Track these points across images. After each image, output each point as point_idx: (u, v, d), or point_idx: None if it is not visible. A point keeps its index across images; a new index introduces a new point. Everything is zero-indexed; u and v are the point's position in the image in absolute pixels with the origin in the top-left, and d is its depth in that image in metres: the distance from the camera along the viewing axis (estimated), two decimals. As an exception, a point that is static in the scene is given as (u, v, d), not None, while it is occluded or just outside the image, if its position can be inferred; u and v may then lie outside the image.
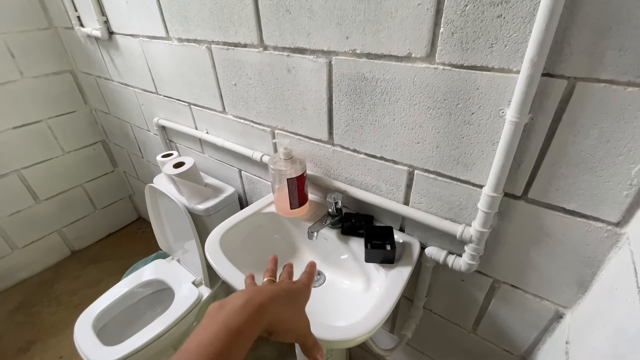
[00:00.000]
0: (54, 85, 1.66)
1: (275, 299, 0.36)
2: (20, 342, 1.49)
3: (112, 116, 1.67)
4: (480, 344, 0.79)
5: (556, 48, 0.43)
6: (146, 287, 1.26)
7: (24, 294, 1.73)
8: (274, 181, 0.80)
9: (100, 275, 1.80)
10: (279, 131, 0.87)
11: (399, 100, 0.61)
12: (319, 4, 0.61)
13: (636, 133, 0.43)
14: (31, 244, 1.79)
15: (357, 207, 0.83)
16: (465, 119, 0.55)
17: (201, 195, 1.10)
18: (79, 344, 1.02)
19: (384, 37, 0.57)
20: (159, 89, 1.18)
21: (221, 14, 0.78)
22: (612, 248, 0.51)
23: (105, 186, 2.01)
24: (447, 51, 0.52)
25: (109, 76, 1.43)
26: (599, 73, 0.42)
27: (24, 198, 1.70)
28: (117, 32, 1.18)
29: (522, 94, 0.45)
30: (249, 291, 0.35)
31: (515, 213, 0.58)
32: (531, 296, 0.64)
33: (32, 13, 1.51)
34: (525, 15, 0.44)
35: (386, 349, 0.89)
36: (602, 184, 0.48)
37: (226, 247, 0.75)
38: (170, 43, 0.98)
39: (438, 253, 0.69)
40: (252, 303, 0.33)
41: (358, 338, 0.54)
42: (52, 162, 1.75)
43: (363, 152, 0.73)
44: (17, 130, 1.59)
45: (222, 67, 0.89)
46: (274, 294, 0.36)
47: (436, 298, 0.81)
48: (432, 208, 0.68)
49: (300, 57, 0.70)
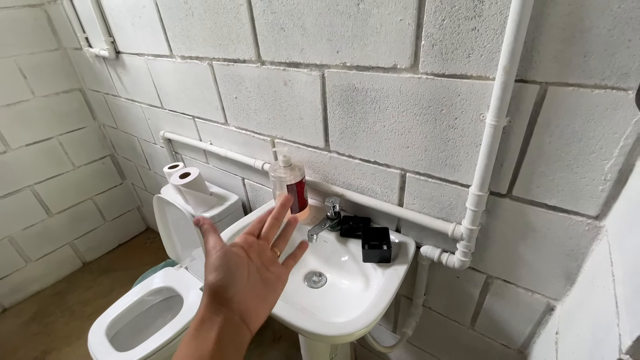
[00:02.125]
0: (64, 103, 1.73)
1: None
2: (35, 352, 1.54)
3: (120, 131, 1.73)
4: (478, 339, 0.81)
5: (527, 56, 0.47)
6: (156, 294, 1.31)
7: (38, 305, 1.78)
8: (275, 188, 0.84)
9: (111, 285, 1.85)
10: (279, 140, 0.91)
11: (387, 108, 0.65)
12: (311, 22, 0.66)
13: (605, 132, 0.46)
14: (44, 256, 1.85)
15: (355, 210, 0.86)
16: (449, 123, 0.59)
17: (207, 203, 1.15)
18: (93, 350, 1.06)
19: (371, 51, 0.61)
20: (164, 103, 1.23)
21: (221, 32, 0.84)
22: (593, 240, 0.54)
23: (114, 198, 2.07)
24: (429, 62, 0.56)
25: (117, 93, 1.50)
26: (567, 77, 0.46)
27: (36, 212, 1.76)
28: (124, 52, 1.24)
29: (498, 99, 0.49)
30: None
31: (502, 210, 0.61)
32: (523, 290, 0.66)
33: (42, 35, 1.59)
34: (496, 28, 0.48)
35: (387, 346, 0.92)
36: (578, 180, 0.51)
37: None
38: (174, 60, 1.03)
39: (432, 251, 0.72)
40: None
41: (356, 332, 0.57)
42: (63, 176, 1.81)
43: (358, 158, 0.77)
44: (29, 148, 1.66)
45: (223, 82, 0.94)
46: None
47: (434, 296, 0.84)
48: (425, 208, 0.71)
49: (295, 70, 0.75)
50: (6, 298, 1.77)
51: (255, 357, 1.39)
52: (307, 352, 0.92)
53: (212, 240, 0.37)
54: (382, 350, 0.91)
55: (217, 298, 0.34)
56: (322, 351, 0.90)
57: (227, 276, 0.34)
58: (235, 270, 0.35)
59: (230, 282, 0.34)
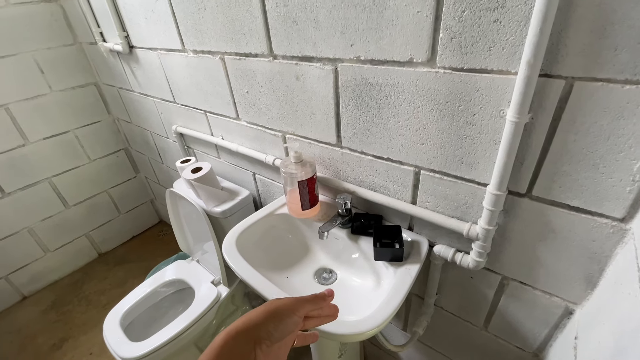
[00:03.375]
0: (80, 97, 1.76)
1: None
2: (53, 339, 1.59)
3: (134, 125, 1.75)
4: (492, 341, 0.79)
5: (552, 49, 0.45)
6: (168, 287, 1.33)
7: (56, 294, 1.84)
8: (286, 184, 0.83)
9: (125, 276, 1.89)
10: (290, 135, 0.90)
11: (402, 103, 0.63)
12: (324, 15, 0.64)
13: (636, 130, 0.43)
14: (62, 247, 1.90)
15: (367, 207, 0.85)
16: (467, 120, 0.57)
17: (218, 198, 1.15)
18: (108, 340, 1.09)
19: (387, 44, 0.59)
20: (176, 98, 1.24)
21: (233, 26, 0.83)
22: (618, 244, 0.51)
23: (128, 191, 2.11)
24: (447, 55, 0.54)
25: (130, 87, 1.51)
26: (595, 72, 0.43)
27: (54, 204, 1.81)
28: (137, 46, 1.25)
29: (521, 95, 0.47)
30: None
31: (520, 210, 0.59)
32: (540, 292, 0.64)
33: (58, 30, 1.62)
34: (520, 19, 0.45)
35: (398, 345, 0.91)
36: (604, 181, 0.48)
37: (242, 247, 0.79)
38: (186, 55, 1.03)
39: (446, 251, 0.71)
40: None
41: (368, 332, 0.57)
42: (79, 169, 1.85)
43: (370, 154, 0.75)
44: (47, 141, 1.70)
45: (235, 76, 0.93)
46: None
47: (447, 295, 0.82)
48: (439, 207, 0.70)
49: (307, 65, 0.73)
50: (26, 287, 1.84)
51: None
52: (317, 349, 0.92)
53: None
54: (392, 349, 0.90)
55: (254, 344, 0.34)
56: (332, 348, 0.90)
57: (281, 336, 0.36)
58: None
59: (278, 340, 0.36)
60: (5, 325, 1.70)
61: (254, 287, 0.69)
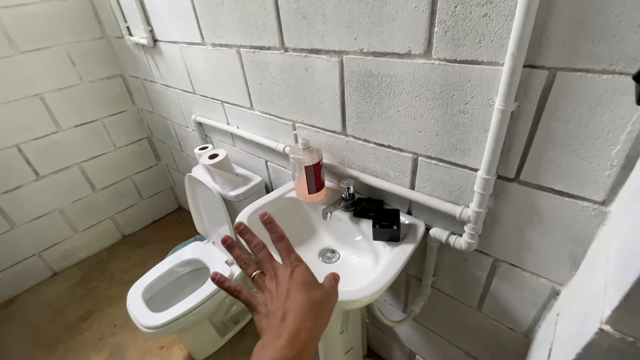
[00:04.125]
0: (107, 88, 1.88)
1: (317, 331, 0.37)
2: (81, 312, 1.73)
3: (156, 115, 1.86)
4: (485, 321, 0.83)
5: (536, 42, 0.48)
6: (185, 266, 1.42)
7: (84, 271, 1.99)
8: (294, 169, 0.89)
9: (146, 257, 2.02)
10: (299, 124, 0.96)
11: (402, 93, 0.68)
12: (331, 10, 0.69)
13: (613, 117, 0.46)
14: (89, 228, 2.04)
15: (369, 193, 0.90)
16: (460, 108, 0.61)
17: (233, 183, 1.23)
18: (131, 309, 1.19)
19: (387, 37, 0.64)
20: (196, 89, 1.32)
21: (248, 21, 0.89)
22: (599, 226, 0.54)
23: (150, 178, 2.23)
24: (441, 48, 0.58)
25: (154, 79, 1.61)
26: (575, 63, 0.47)
27: (83, 188, 1.95)
28: (161, 40, 1.33)
29: (507, 84, 0.51)
30: (287, 328, 0.35)
31: (509, 194, 0.63)
32: (529, 274, 0.68)
33: (88, 25, 1.73)
34: (507, 14, 0.49)
35: (395, 321, 0.96)
36: (585, 165, 0.52)
37: (252, 224, 0.86)
38: (205, 48, 1.10)
39: (441, 233, 0.75)
40: (297, 342, 0.34)
41: (362, 299, 0.62)
42: (106, 156, 1.98)
43: (373, 142, 0.80)
44: (77, 129, 1.83)
45: (249, 68, 0.99)
46: (316, 324, 0.36)
47: (443, 277, 0.87)
48: (435, 192, 0.74)
49: (316, 57, 0.79)
50: (56, 263, 1.99)
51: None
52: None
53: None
54: (389, 324, 0.96)
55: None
56: (333, 324, 0.96)
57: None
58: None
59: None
60: (37, 298, 1.86)
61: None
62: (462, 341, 0.94)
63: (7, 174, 1.67)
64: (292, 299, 0.37)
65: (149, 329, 1.12)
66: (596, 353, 0.38)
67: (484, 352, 0.90)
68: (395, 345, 1.22)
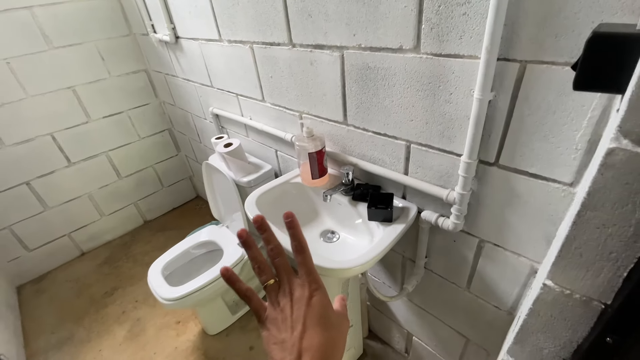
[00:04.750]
0: (133, 82, 2.02)
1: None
2: (106, 288, 1.88)
3: (177, 107, 1.98)
4: (473, 301, 0.89)
5: (508, 37, 0.54)
6: (201, 247, 1.53)
7: (109, 252, 2.15)
8: (299, 156, 0.97)
9: (165, 241, 2.15)
10: (305, 115, 1.04)
11: (395, 84, 0.74)
12: (332, 9, 0.76)
13: (575, 105, 0.52)
14: (114, 212, 2.20)
15: (368, 179, 0.97)
16: (445, 98, 0.67)
17: (245, 170, 1.32)
18: (152, 283, 1.31)
19: (382, 34, 0.70)
20: (213, 82, 1.42)
21: (260, 19, 0.97)
22: (569, 206, 0.60)
23: (170, 167, 2.37)
24: (428, 43, 0.64)
25: (175, 73, 1.72)
26: (542, 56, 0.52)
27: (110, 175, 2.10)
28: (182, 37, 1.44)
29: (483, 76, 0.57)
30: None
31: (490, 178, 0.68)
32: (510, 253, 0.74)
33: (117, 23, 1.86)
34: (483, 12, 0.55)
35: (388, 296, 1.04)
36: (554, 149, 0.57)
37: (260, 205, 0.94)
38: (222, 44, 1.20)
39: (431, 215, 0.81)
40: None
41: (353, 268, 0.70)
42: (130, 146, 2.12)
43: (371, 130, 0.87)
44: (106, 119, 1.98)
45: (261, 63, 1.08)
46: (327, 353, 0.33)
47: (435, 259, 0.93)
48: (426, 177, 0.80)
49: (319, 52, 0.86)
50: (85, 244, 2.16)
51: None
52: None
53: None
54: (382, 299, 1.03)
55: None
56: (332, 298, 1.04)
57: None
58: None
59: None
60: (67, 275, 2.02)
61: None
62: (453, 321, 1.00)
63: (42, 159, 1.84)
64: (310, 337, 0.33)
65: (167, 300, 1.23)
66: (544, 307, 0.45)
67: (473, 331, 0.96)
68: (394, 327, 1.29)
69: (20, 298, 1.90)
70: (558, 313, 0.43)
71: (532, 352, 0.49)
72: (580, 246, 0.37)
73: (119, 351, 1.53)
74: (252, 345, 1.46)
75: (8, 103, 1.65)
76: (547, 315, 0.44)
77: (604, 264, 0.36)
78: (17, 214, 1.84)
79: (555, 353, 0.47)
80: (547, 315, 0.45)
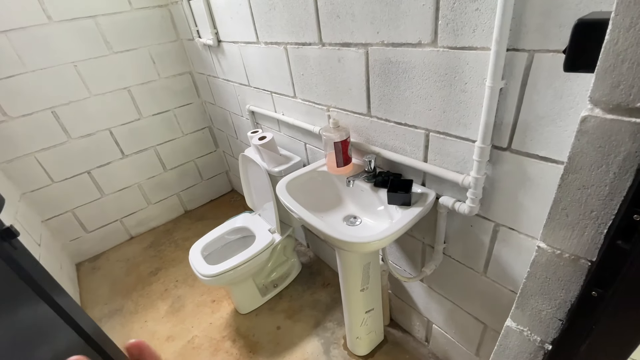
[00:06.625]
0: (178, 83, 2.22)
1: None
2: (151, 268, 2.08)
3: (217, 106, 2.15)
4: (490, 285, 0.92)
5: (517, 29, 0.59)
6: (236, 233, 1.67)
7: (154, 237, 2.36)
8: (325, 146, 1.06)
9: (204, 229, 2.30)
10: (332, 109, 1.12)
11: (414, 77, 0.81)
12: (358, 10, 0.85)
13: (580, 89, 0.56)
14: (160, 201, 2.42)
15: (389, 167, 1.03)
16: (461, 88, 0.72)
17: (277, 161, 1.43)
18: (192, 261, 1.45)
19: (402, 30, 0.77)
20: (250, 82, 1.55)
21: (294, 22, 1.07)
22: (578, 188, 0.63)
23: (209, 162, 2.56)
24: (444, 37, 0.70)
25: (216, 74, 1.88)
26: (547, 45, 0.57)
27: (156, 167, 2.32)
28: (224, 40, 1.59)
29: (494, 65, 0.62)
30: None
31: (504, 162, 0.72)
32: (524, 236, 0.77)
33: (166, 30, 2.07)
34: (493, 7, 0.60)
35: (406, 277, 1.09)
36: (562, 133, 0.61)
37: (290, 189, 1.04)
38: (259, 46, 1.32)
39: (448, 200, 0.86)
40: None
41: (372, 243, 0.78)
42: (175, 141, 2.33)
43: (392, 121, 0.93)
44: (155, 117, 2.19)
45: (294, 62, 1.18)
46: None
47: (453, 244, 0.97)
48: (444, 163, 0.85)
49: (346, 49, 0.94)
50: (133, 229, 2.39)
51: (308, 295, 1.67)
52: (343, 279, 1.13)
53: None
54: (400, 279, 1.08)
55: None
56: (354, 281, 1.10)
57: None
58: None
59: None
60: (117, 255, 2.26)
61: (296, 212, 0.93)
62: (471, 306, 1.03)
63: (101, 151, 2.08)
64: None
65: (205, 276, 1.37)
66: (539, 269, 0.49)
67: (490, 317, 0.98)
68: (414, 315, 1.33)
69: (78, 274, 2.15)
70: (552, 274, 0.48)
71: (532, 315, 0.54)
72: (566, 207, 0.42)
73: (161, 323, 1.69)
74: (279, 326, 1.57)
75: (75, 101, 1.90)
76: (543, 276, 0.49)
77: (587, 222, 0.41)
78: (79, 199, 2.09)
79: (552, 314, 0.51)
80: (542, 277, 0.49)
